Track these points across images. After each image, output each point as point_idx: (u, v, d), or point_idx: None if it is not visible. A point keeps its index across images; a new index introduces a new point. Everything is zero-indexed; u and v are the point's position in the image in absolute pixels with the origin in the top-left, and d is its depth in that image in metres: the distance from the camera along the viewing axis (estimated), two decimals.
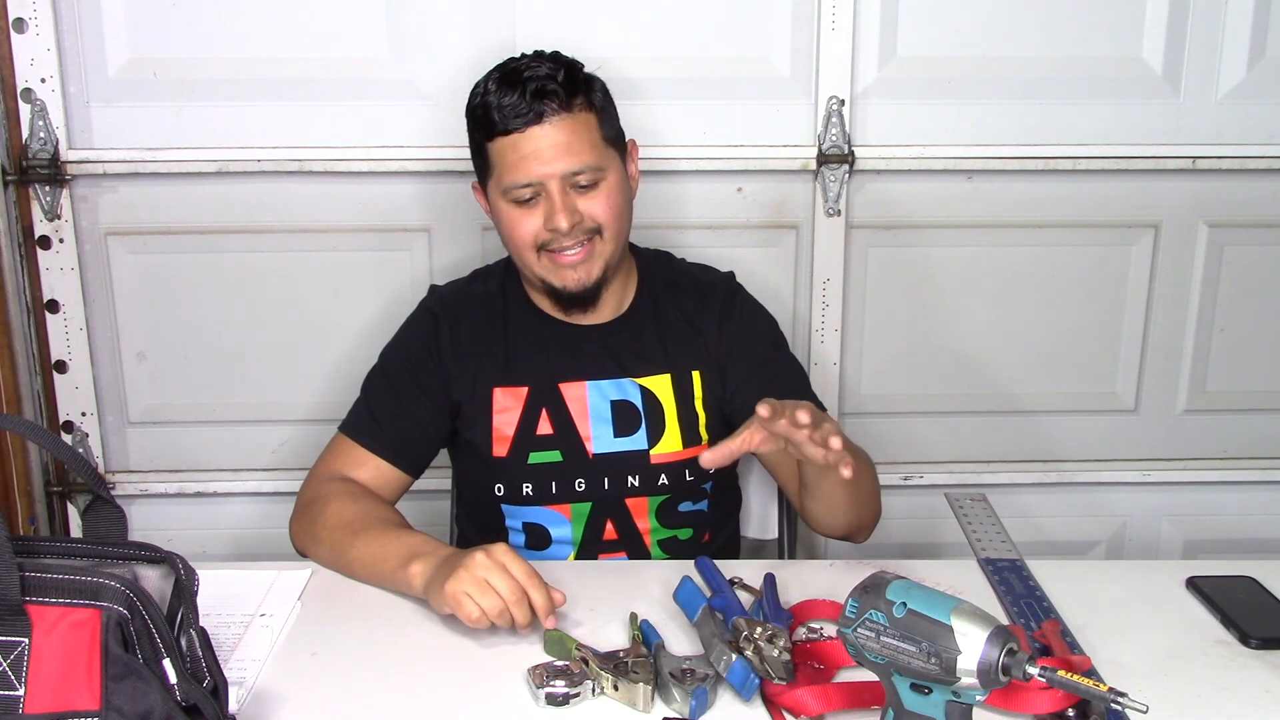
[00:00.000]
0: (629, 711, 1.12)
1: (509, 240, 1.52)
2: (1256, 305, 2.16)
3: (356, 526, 1.40)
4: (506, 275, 1.62)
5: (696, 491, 1.60)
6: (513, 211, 1.48)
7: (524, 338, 1.58)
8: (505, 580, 1.22)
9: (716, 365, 1.58)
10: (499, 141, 1.46)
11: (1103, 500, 2.25)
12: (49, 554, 1.00)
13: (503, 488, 1.57)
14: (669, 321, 1.59)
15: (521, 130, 1.44)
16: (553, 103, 1.44)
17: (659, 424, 1.57)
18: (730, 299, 1.61)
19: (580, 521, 1.57)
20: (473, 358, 1.57)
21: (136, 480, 2.16)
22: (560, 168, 1.45)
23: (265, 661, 1.21)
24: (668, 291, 1.61)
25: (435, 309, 1.60)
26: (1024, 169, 2.06)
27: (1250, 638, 1.24)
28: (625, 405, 1.56)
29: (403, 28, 1.97)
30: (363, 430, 1.55)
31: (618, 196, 1.50)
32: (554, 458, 1.55)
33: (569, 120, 1.45)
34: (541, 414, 1.55)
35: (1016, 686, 0.99)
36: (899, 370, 2.17)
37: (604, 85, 1.52)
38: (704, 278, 1.65)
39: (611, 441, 1.56)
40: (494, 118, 1.45)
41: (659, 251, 1.68)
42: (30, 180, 1.98)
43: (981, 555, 1.44)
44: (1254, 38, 2.02)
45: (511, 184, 1.46)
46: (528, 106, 1.43)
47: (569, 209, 1.46)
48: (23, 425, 1.48)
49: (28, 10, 1.92)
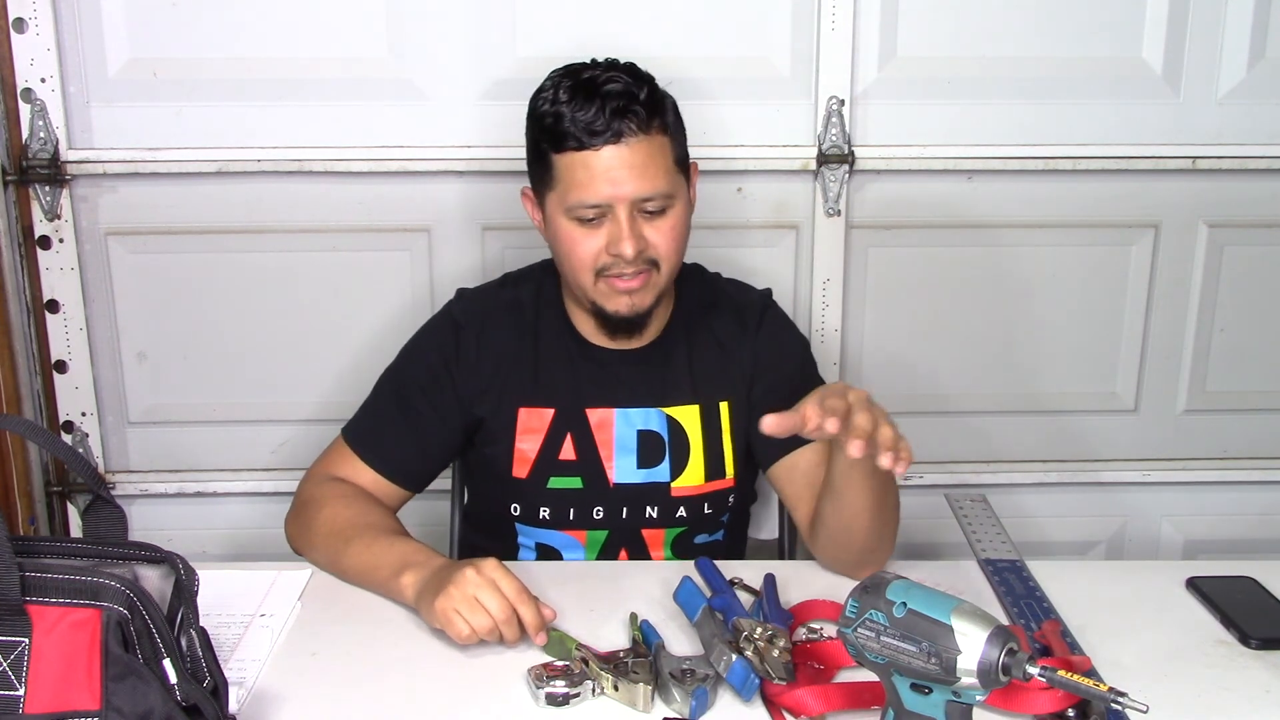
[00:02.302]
0: (629, 711, 1.12)
1: (566, 259, 1.44)
2: (1256, 305, 2.16)
3: (350, 532, 1.39)
4: (543, 283, 1.56)
5: (714, 524, 1.57)
6: (574, 230, 1.41)
7: (554, 355, 1.53)
8: (495, 598, 1.21)
9: (747, 385, 1.54)
10: (570, 156, 1.38)
11: (1103, 500, 2.25)
12: (49, 554, 1.00)
13: (519, 508, 1.53)
14: (702, 347, 1.54)
15: (596, 148, 1.36)
16: (632, 123, 1.36)
17: (683, 456, 1.52)
18: (762, 315, 1.56)
19: (594, 548, 1.55)
20: (500, 371, 1.52)
21: (136, 480, 2.16)
22: (631, 191, 1.38)
23: (265, 661, 1.21)
24: (702, 314, 1.56)
25: (460, 319, 1.54)
26: (1024, 169, 2.06)
27: (1250, 638, 1.25)
28: (651, 436, 1.52)
29: (403, 28, 1.97)
30: (364, 441, 1.51)
31: (681, 227, 1.44)
32: (574, 484, 1.52)
33: (645, 143, 1.37)
34: (566, 439, 1.51)
35: (1016, 686, 0.99)
36: (899, 370, 2.17)
37: (676, 104, 1.46)
38: (741, 298, 1.59)
39: (634, 472, 1.52)
40: (567, 129, 1.37)
41: (694, 266, 1.62)
42: (30, 180, 1.98)
43: (981, 555, 1.44)
44: (1254, 38, 2.02)
45: (578, 202, 1.39)
46: (606, 124, 1.35)
47: (636, 235, 1.39)
48: (23, 425, 1.48)
49: (28, 10, 1.92)
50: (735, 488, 1.55)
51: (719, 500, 1.55)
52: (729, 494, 1.55)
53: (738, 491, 1.56)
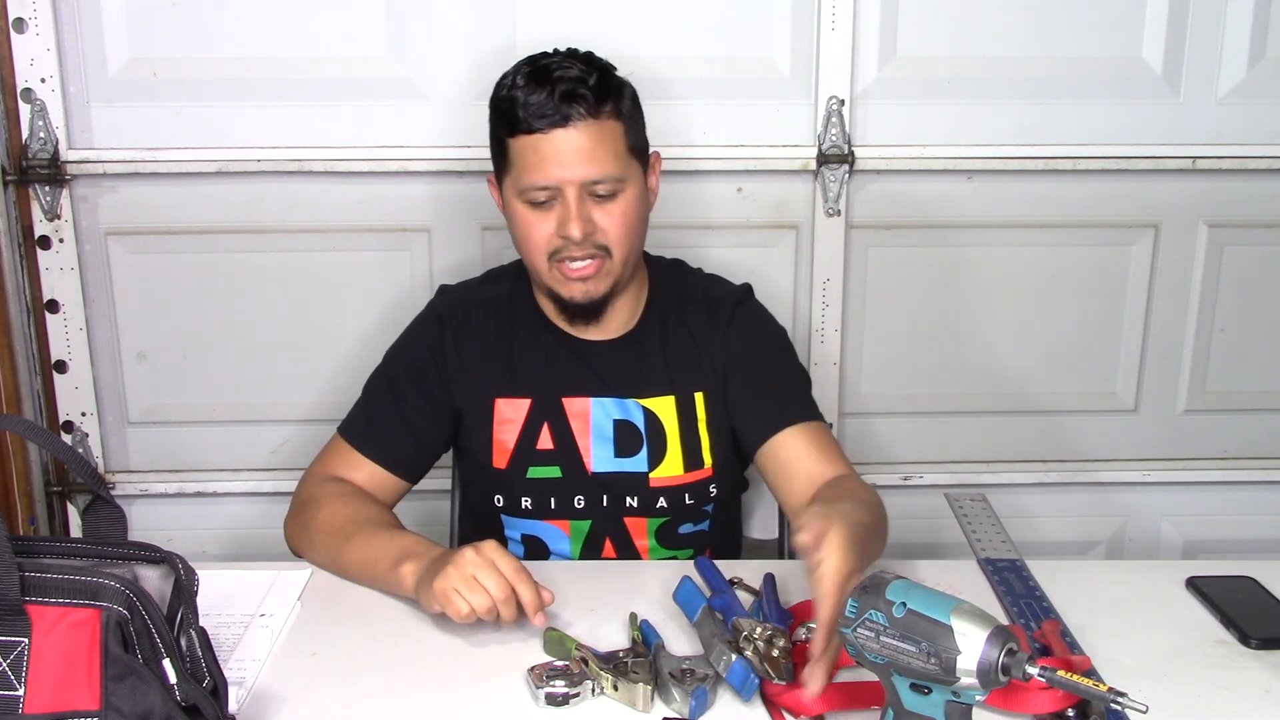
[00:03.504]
0: (629, 711, 1.12)
1: (522, 243, 1.49)
2: (1256, 305, 2.16)
3: (349, 529, 1.40)
4: (518, 280, 1.59)
5: (698, 514, 1.58)
6: (528, 213, 1.46)
7: (530, 348, 1.56)
8: (494, 578, 1.22)
9: (720, 380, 1.55)
10: (521, 139, 1.43)
11: (1103, 500, 2.25)
12: (49, 554, 1.00)
13: (502, 499, 1.56)
14: (676, 340, 1.56)
15: (545, 131, 1.41)
16: (580, 107, 1.40)
17: (660, 447, 1.54)
18: (734, 310, 1.58)
19: (579, 538, 1.56)
20: (477, 366, 1.55)
21: (136, 480, 2.16)
22: (580, 174, 1.42)
23: (265, 661, 1.21)
24: (677, 307, 1.58)
25: (442, 312, 1.58)
26: (1024, 169, 2.06)
27: (1250, 638, 1.24)
28: (627, 426, 1.54)
29: (403, 28, 1.97)
30: (360, 434, 1.54)
31: (633, 212, 1.47)
32: (553, 473, 1.54)
33: (595, 127, 1.42)
34: (543, 428, 1.54)
35: (1016, 686, 0.99)
36: (899, 370, 2.17)
37: (634, 92, 1.50)
38: (715, 292, 1.61)
39: (611, 461, 1.54)
40: (518, 114, 1.41)
41: (674, 262, 1.65)
42: (30, 180, 1.98)
43: (981, 555, 1.44)
44: (1254, 38, 2.02)
45: (529, 184, 1.43)
46: (555, 108, 1.40)
47: (584, 218, 1.43)
48: (23, 425, 1.48)
49: (28, 10, 1.92)
50: (714, 478, 1.56)
51: (700, 490, 1.56)
52: (709, 484, 1.56)
53: (718, 481, 1.57)
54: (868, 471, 2.17)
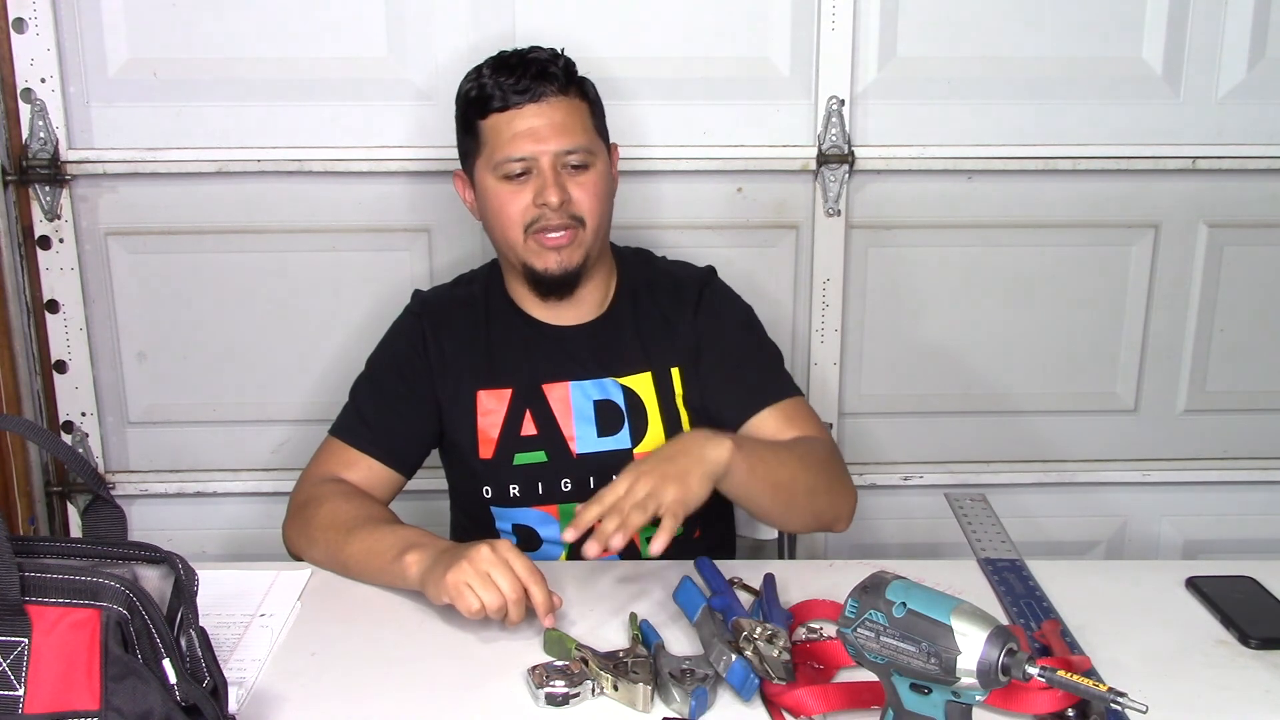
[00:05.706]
0: (629, 711, 1.12)
1: (496, 220, 1.53)
2: (1256, 305, 2.16)
3: (350, 524, 1.40)
4: (490, 278, 1.64)
5: None
6: (502, 189, 1.50)
7: (507, 340, 1.59)
8: (508, 577, 1.22)
9: (694, 356, 1.59)
10: (494, 118, 1.49)
11: (1103, 500, 2.25)
12: (49, 554, 1.00)
13: (490, 490, 1.58)
14: (649, 319, 1.60)
15: (519, 107, 1.48)
16: (552, 85, 1.48)
17: (642, 423, 1.57)
18: (701, 291, 1.62)
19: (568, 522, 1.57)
20: (456, 362, 1.58)
21: (136, 480, 2.16)
22: (554, 145, 1.48)
23: (265, 661, 1.21)
24: (647, 289, 1.62)
25: (420, 312, 1.62)
26: (1024, 169, 2.06)
27: (1250, 638, 1.24)
28: (608, 405, 1.57)
29: (402, 28, 1.97)
30: (352, 431, 1.56)
31: (603, 187, 1.54)
32: (539, 458, 1.56)
33: (565, 103, 1.50)
34: (525, 415, 1.56)
35: (1016, 686, 0.99)
36: (899, 370, 2.17)
37: (595, 87, 1.57)
38: (681, 274, 1.66)
39: (595, 441, 1.57)
40: (492, 94, 1.49)
41: (638, 250, 1.70)
42: (30, 180, 1.98)
43: (981, 555, 1.44)
44: (1254, 38, 2.02)
45: (505, 158, 1.48)
46: (528, 85, 1.48)
47: (559, 186, 1.48)
48: (23, 425, 1.48)
49: (28, 10, 1.92)
50: None
51: None
52: None
53: None
54: (868, 471, 2.18)
